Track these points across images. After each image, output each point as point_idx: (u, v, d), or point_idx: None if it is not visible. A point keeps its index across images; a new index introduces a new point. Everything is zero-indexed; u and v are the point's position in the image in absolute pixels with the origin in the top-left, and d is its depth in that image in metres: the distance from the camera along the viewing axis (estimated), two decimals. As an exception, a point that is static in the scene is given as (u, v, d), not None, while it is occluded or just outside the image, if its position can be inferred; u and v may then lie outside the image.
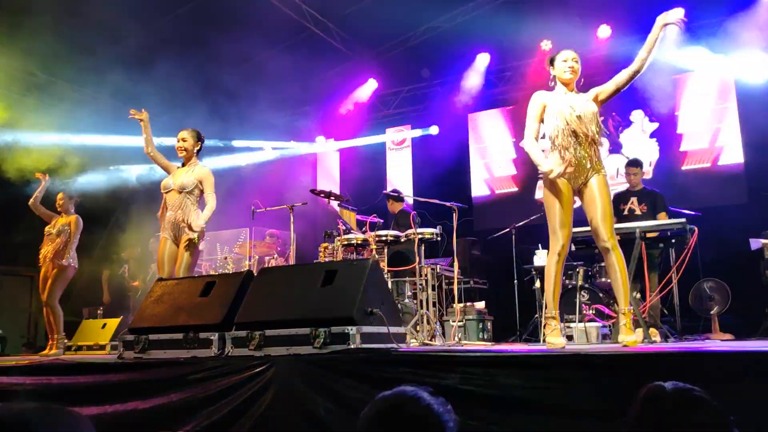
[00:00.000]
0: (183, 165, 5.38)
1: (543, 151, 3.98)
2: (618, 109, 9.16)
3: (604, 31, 9.06)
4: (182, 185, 5.18)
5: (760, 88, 8.24)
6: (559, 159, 3.87)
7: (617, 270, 3.80)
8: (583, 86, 4.14)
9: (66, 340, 6.71)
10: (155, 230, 9.65)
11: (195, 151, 5.35)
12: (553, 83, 4.15)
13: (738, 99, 8.48)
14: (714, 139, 8.59)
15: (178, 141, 5.35)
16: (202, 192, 5.26)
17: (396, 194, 7.58)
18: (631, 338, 3.64)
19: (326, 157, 11.81)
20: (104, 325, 7.40)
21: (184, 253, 5.07)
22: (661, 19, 3.84)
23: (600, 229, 3.82)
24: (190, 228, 5.06)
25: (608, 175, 4.01)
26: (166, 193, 5.26)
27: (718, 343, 5.30)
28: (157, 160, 5.41)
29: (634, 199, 6.59)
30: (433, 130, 10.58)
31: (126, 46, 8.41)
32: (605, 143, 9.08)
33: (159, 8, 8.47)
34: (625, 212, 6.52)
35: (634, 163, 6.85)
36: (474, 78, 10.16)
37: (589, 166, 3.87)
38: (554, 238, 3.88)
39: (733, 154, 8.47)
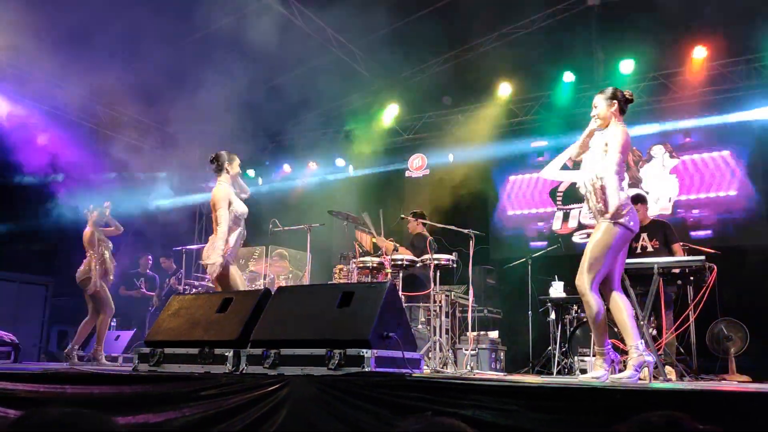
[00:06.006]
0: None
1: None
2: (638, 144, 9.15)
3: (627, 66, 9.06)
4: None
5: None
6: None
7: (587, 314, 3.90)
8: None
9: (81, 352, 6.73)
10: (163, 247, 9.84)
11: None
12: None
13: (757, 139, 8.45)
14: (735, 177, 8.55)
15: None
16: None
17: (415, 215, 7.45)
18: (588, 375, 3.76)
19: (345, 180, 11.86)
20: (117, 337, 7.45)
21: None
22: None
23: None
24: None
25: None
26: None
27: (735, 384, 5.22)
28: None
29: (644, 235, 6.53)
30: (449, 157, 10.61)
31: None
32: (625, 177, 9.07)
33: (184, 28, 8.62)
34: (638, 250, 6.47)
35: (636, 199, 6.79)
36: (495, 107, 10.24)
37: (598, 215, 3.89)
38: None
39: (754, 193, 8.41)
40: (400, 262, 6.43)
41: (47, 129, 8.96)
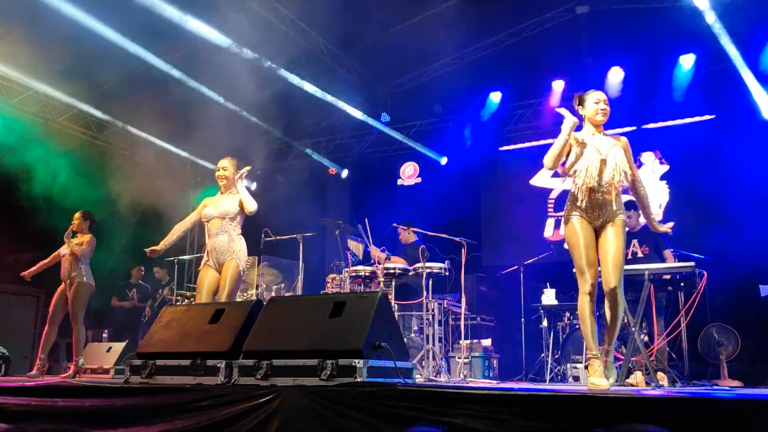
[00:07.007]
0: (221, 192, 5.42)
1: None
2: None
3: (616, 74, 9.12)
4: (225, 211, 5.26)
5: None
6: (577, 196, 3.90)
7: (616, 315, 3.85)
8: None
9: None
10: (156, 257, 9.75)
11: (235, 178, 5.38)
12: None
13: (747, 141, 8.50)
14: (725, 183, 8.58)
15: (219, 170, 5.40)
16: (243, 217, 5.34)
17: (406, 224, 7.49)
18: (600, 381, 3.64)
19: (336, 188, 11.87)
20: (109, 349, 7.40)
21: (228, 281, 5.11)
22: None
23: (609, 275, 3.79)
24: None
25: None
26: (208, 221, 5.32)
27: (727, 389, 5.24)
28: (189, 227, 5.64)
29: (635, 241, 6.57)
30: (443, 160, 10.69)
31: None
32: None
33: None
34: (629, 256, 6.51)
35: (629, 206, 6.81)
36: (485, 115, 10.29)
37: (607, 210, 3.88)
38: (582, 279, 3.82)
39: (745, 199, 8.44)
40: (392, 271, 6.44)
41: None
